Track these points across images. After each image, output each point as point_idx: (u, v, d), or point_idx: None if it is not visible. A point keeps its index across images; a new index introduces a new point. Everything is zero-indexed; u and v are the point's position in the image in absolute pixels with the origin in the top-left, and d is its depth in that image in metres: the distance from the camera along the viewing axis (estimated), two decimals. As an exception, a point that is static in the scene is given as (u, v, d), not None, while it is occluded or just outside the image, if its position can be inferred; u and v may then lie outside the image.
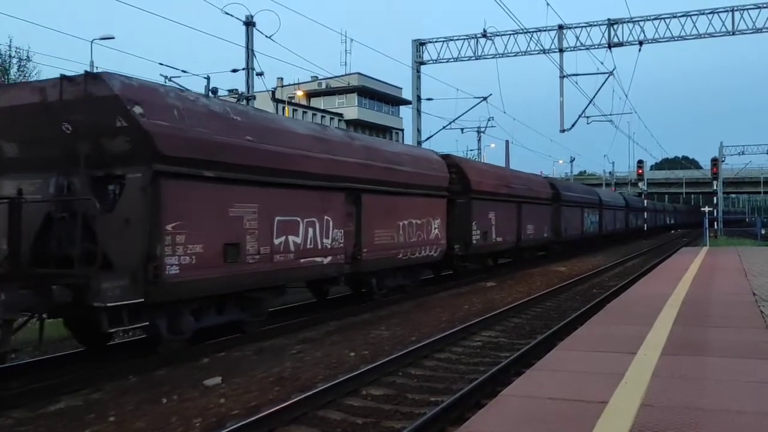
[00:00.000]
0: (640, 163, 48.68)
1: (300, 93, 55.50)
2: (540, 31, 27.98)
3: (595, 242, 35.82)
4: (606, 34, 27.22)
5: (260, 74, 22.82)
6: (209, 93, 26.33)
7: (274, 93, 35.40)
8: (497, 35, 28.46)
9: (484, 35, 28.36)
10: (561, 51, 27.76)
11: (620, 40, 27.11)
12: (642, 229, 52.11)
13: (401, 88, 66.21)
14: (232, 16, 21.85)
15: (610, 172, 78.21)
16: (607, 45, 27.20)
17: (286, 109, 46.93)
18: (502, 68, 59.02)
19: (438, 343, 9.75)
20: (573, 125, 29.40)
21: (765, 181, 78.15)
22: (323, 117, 61.06)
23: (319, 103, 65.37)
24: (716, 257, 21.51)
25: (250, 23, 22.36)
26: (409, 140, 37.53)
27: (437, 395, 7.19)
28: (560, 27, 27.73)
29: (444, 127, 32.31)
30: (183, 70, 27.78)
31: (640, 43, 26.85)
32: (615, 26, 27.08)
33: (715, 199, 49.01)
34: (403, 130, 69.80)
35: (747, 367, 6.00)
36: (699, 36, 26.46)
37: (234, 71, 25.14)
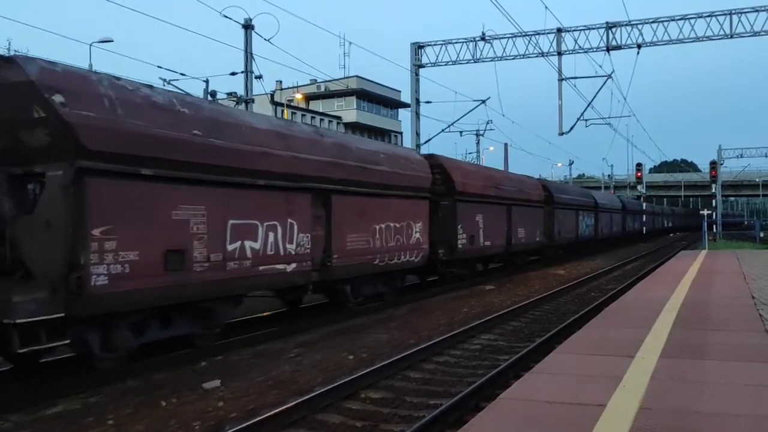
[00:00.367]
0: (639, 166, 48.64)
1: (299, 96, 55.61)
2: (539, 34, 27.99)
3: (590, 246, 35.22)
4: (604, 38, 27.22)
5: (259, 77, 22.91)
6: (208, 96, 26.41)
7: (273, 96, 35.46)
8: (496, 38, 28.43)
9: (483, 38, 28.35)
10: (559, 54, 27.75)
11: (618, 43, 27.10)
12: (640, 233, 52.02)
13: (400, 92, 66.34)
14: (230, 19, 21.90)
15: (609, 175, 78.25)
16: (605, 48, 27.20)
17: (285, 112, 46.96)
18: (501, 71, 59.30)
19: (436, 347, 9.75)
20: (572, 128, 29.38)
21: (764, 184, 78.10)
22: (322, 120, 61.09)
23: (318, 106, 65.40)
24: (715, 260, 21.50)
25: (248, 26, 22.42)
26: (408, 143, 37.52)
27: (436, 398, 7.19)
28: (559, 30, 27.74)
29: (443, 130, 32.30)
30: (182, 73, 27.88)
31: (639, 46, 26.86)
32: (613, 29, 27.09)
33: (713, 202, 49.10)
34: (402, 133, 69.81)
35: (746, 370, 6.00)
36: (697, 39, 26.44)
37: (233, 74, 25.22)
